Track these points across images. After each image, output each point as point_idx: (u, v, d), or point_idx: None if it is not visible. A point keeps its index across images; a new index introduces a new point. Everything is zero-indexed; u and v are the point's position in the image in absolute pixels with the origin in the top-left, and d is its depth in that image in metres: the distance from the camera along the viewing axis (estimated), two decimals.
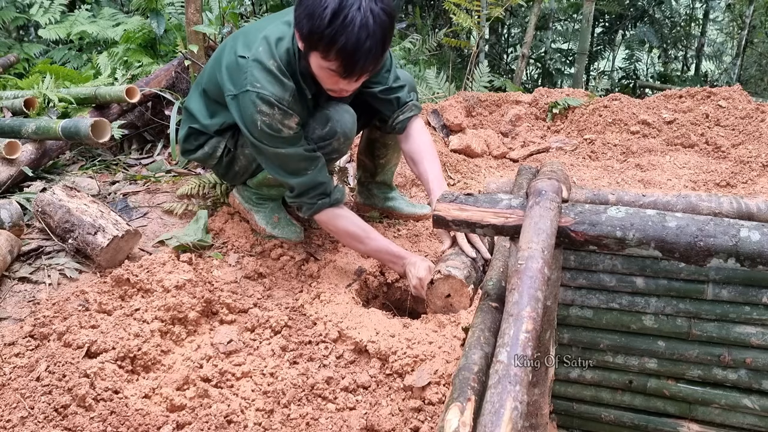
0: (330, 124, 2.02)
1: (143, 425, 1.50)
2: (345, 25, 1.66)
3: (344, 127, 2.04)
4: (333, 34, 1.67)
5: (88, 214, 2.12)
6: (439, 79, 4.93)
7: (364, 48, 1.69)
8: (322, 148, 2.04)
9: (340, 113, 2.04)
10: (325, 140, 2.03)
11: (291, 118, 1.90)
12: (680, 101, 3.73)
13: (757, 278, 1.31)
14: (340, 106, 2.06)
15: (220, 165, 2.23)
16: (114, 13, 4.86)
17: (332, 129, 2.02)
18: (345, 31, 1.66)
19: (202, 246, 2.21)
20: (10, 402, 1.51)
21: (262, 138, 1.91)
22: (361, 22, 1.66)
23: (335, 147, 2.06)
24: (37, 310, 1.85)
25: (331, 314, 1.91)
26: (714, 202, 1.44)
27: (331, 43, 1.69)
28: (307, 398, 1.65)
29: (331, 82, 1.85)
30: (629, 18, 8.86)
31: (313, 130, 2.03)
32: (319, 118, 2.03)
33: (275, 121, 1.87)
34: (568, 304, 1.43)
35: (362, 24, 1.67)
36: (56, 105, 2.90)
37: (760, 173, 3.04)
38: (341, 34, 1.67)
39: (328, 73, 1.80)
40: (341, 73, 1.77)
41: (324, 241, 2.39)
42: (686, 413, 1.45)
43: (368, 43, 1.69)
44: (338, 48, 1.69)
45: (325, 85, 1.89)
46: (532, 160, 3.50)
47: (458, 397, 0.90)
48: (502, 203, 1.15)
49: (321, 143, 2.03)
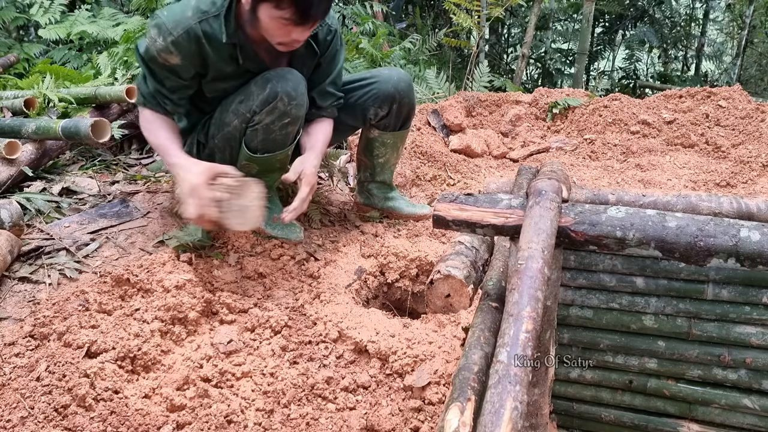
0: (269, 86, 1.98)
1: (143, 425, 1.50)
2: None
3: (285, 86, 1.97)
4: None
5: None
6: (439, 79, 4.94)
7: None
8: (269, 113, 1.99)
9: (280, 74, 2.00)
10: (269, 103, 1.98)
11: (170, 55, 1.91)
12: (680, 101, 3.74)
13: (757, 278, 1.31)
14: (281, 69, 2.04)
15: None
16: (114, 13, 4.86)
17: (273, 90, 1.97)
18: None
19: (202, 246, 2.21)
20: (10, 402, 1.51)
21: (143, 52, 1.94)
22: None
23: (282, 109, 1.99)
24: (37, 310, 1.85)
25: (331, 314, 1.91)
26: (714, 202, 1.44)
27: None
28: (307, 398, 1.65)
29: (283, 33, 1.85)
30: (629, 18, 8.86)
31: (256, 96, 1.99)
32: (259, 82, 2.00)
33: (155, 49, 1.90)
34: (568, 304, 1.43)
35: None
36: (56, 105, 2.90)
37: (760, 173, 3.04)
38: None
39: (279, 23, 1.80)
40: (296, 20, 1.78)
41: (324, 241, 2.39)
42: (686, 413, 1.45)
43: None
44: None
45: (275, 38, 1.88)
46: (532, 160, 3.50)
47: (458, 397, 0.90)
48: (502, 203, 1.15)
49: (265, 108, 1.98)
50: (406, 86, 2.32)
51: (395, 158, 2.52)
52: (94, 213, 2.41)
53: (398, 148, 2.49)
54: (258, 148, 2.09)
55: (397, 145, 2.47)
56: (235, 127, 2.06)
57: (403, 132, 2.43)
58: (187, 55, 1.93)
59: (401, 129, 2.41)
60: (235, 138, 2.09)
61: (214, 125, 2.13)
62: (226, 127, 2.09)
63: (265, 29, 1.87)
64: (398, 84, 2.30)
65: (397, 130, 2.40)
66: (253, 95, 2.00)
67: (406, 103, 2.33)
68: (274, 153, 2.11)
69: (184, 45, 1.91)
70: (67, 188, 2.59)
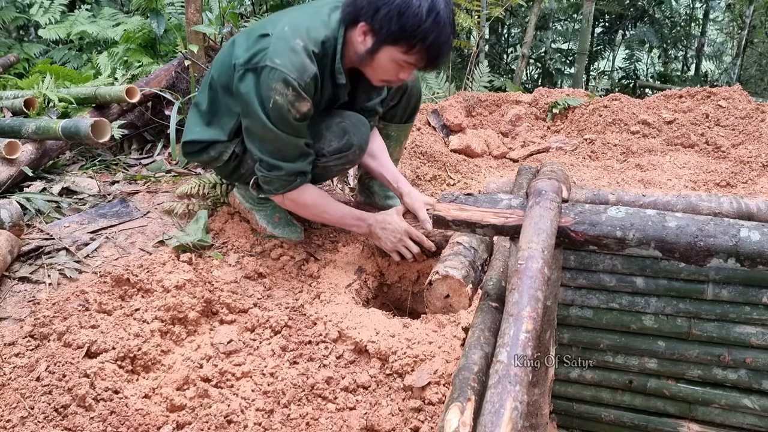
0: (347, 138, 2.05)
1: (143, 425, 1.50)
2: (437, 22, 1.78)
3: (360, 140, 2.08)
4: (426, 30, 1.77)
5: None
6: (439, 79, 4.94)
7: (447, 44, 1.84)
8: (338, 159, 2.07)
9: (356, 126, 2.07)
10: (342, 152, 2.06)
11: (303, 102, 1.88)
12: (680, 101, 3.73)
13: (757, 278, 1.31)
14: (356, 118, 2.09)
15: (227, 168, 2.22)
16: (114, 13, 4.87)
17: (349, 142, 2.05)
18: (437, 29, 1.78)
19: (202, 246, 2.21)
20: (10, 402, 1.51)
21: (270, 116, 1.88)
22: (446, 21, 1.80)
23: (350, 159, 2.10)
24: (37, 310, 1.85)
25: (331, 314, 1.91)
26: (714, 202, 1.44)
27: (422, 39, 1.79)
28: (307, 398, 1.65)
29: (393, 74, 1.90)
30: (629, 18, 8.87)
31: (329, 143, 2.05)
32: (336, 130, 2.05)
33: (287, 102, 1.85)
34: (568, 304, 1.43)
35: (447, 22, 1.80)
36: (56, 105, 2.90)
37: (760, 173, 3.04)
38: (433, 31, 1.78)
39: (399, 66, 1.86)
40: (423, 66, 1.87)
41: (324, 241, 2.39)
42: (686, 413, 1.45)
43: (450, 41, 1.84)
44: (429, 44, 1.80)
45: (384, 76, 1.93)
46: (532, 160, 3.50)
47: (458, 397, 0.90)
48: (502, 203, 1.15)
49: (337, 155, 2.06)
50: (416, 78, 2.37)
51: (398, 153, 2.54)
52: (94, 213, 2.41)
53: (401, 142, 2.52)
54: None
55: (400, 139, 2.50)
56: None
57: (407, 126, 2.47)
58: (312, 99, 1.92)
59: (407, 122, 2.45)
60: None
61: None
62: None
63: (377, 68, 1.91)
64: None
65: (403, 122, 2.44)
66: (326, 140, 2.05)
67: (415, 93, 2.37)
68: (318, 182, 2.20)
69: (311, 90, 1.90)
70: (67, 188, 2.59)
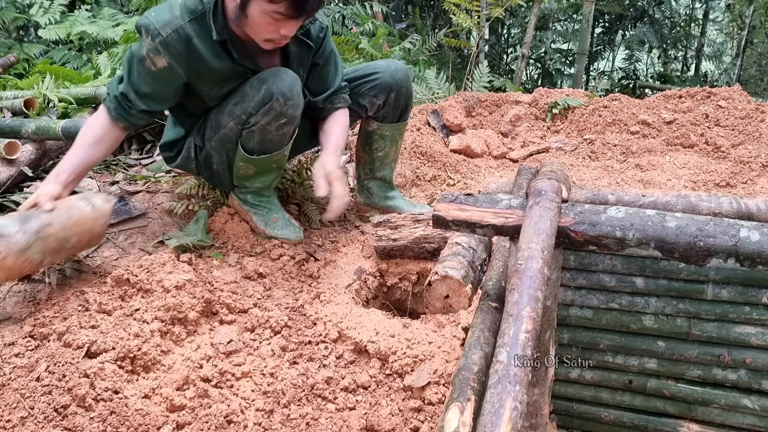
0: (265, 86, 1.97)
1: (143, 425, 1.50)
2: None
3: (281, 86, 1.96)
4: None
5: None
6: (439, 80, 4.94)
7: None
8: (266, 114, 1.99)
9: (275, 74, 1.99)
10: (265, 104, 1.97)
11: (159, 56, 1.88)
12: (680, 101, 3.74)
13: (757, 278, 1.31)
14: (277, 69, 2.02)
15: (200, 167, 2.22)
16: (114, 13, 4.87)
17: (268, 90, 1.96)
18: None
19: (202, 246, 2.21)
20: (10, 402, 1.51)
21: (134, 55, 1.92)
22: None
23: (278, 110, 1.99)
24: (37, 310, 1.85)
25: (331, 314, 1.91)
26: (714, 202, 1.44)
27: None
28: (307, 398, 1.65)
29: (272, 29, 1.84)
30: (629, 18, 8.87)
31: (252, 98, 1.98)
32: (254, 83, 1.99)
33: (147, 50, 1.88)
34: (568, 304, 1.43)
35: None
36: (56, 105, 2.90)
37: (760, 173, 3.04)
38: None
39: (271, 18, 1.80)
40: (290, 13, 1.78)
41: (324, 241, 2.39)
42: (686, 413, 1.45)
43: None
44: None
45: (262, 35, 1.87)
46: (532, 160, 3.50)
47: (458, 397, 0.90)
48: (502, 203, 1.15)
49: (261, 109, 1.98)
50: (404, 76, 2.33)
51: (394, 153, 2.52)
52: None
53: (397, 141, 2.49)
54: (255, 149, 2.09)
55: (396, 139, 2.47)
56: (231, 129, 2.05)
57: (401, 124, 2.44)
58: (176, 57, 1.90)
59: (400, 120, 2.42)
60: (232, 140, 2.09)
61: (209, 128, 2.12)
62: (221, 129, 2.08)
63: (254, 25, 1.85)
64: (395, 73, 2.31)
65: (396, 121, 2.41)
66: (249, 96, 1.99)
67: (404, 92, 2.34)
68: (271, 154, 2.11)
69: (174, 46, 1.88)
70: None
